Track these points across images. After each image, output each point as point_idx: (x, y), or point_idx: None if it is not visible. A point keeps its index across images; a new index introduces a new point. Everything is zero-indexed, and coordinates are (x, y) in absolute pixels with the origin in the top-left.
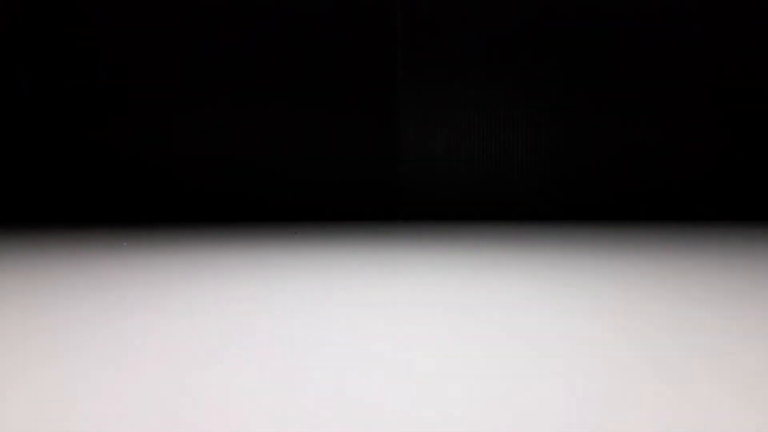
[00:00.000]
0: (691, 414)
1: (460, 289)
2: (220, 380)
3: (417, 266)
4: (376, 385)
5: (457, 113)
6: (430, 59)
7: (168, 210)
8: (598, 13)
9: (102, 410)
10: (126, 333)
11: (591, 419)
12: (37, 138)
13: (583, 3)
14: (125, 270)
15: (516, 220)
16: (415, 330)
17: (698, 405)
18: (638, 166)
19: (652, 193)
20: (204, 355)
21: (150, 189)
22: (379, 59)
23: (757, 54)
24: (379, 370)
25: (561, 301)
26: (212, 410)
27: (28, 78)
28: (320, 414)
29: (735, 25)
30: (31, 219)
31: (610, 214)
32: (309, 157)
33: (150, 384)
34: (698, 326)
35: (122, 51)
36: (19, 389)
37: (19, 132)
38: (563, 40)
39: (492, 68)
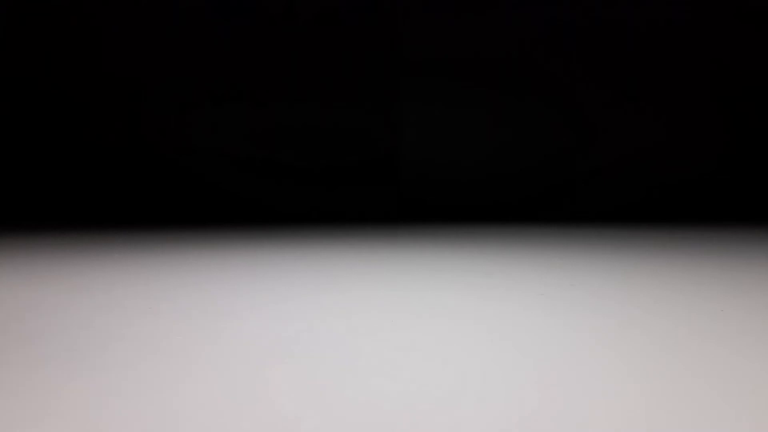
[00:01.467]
0: None
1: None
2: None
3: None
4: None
5: (458, 113)
6: (430, 59)
7: (167, 209)
8: (599, 14)
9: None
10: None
11: None
12: (37, 138)
13: (584, 3)
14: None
15: (517, 222)
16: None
17: None
18: (639, 166)
19: (652, 193)
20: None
21: (148, 188)
22: (379, 59)
23: (757, 54)
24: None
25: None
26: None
27: (28, 78)
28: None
29: (735, 24)
30: (30, 219)
31: (611, 214)
32: (309, 157)
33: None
34: None
35: (122, 50)
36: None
37: (19, 132)
38: (565, 40)
39: (494, 68)
